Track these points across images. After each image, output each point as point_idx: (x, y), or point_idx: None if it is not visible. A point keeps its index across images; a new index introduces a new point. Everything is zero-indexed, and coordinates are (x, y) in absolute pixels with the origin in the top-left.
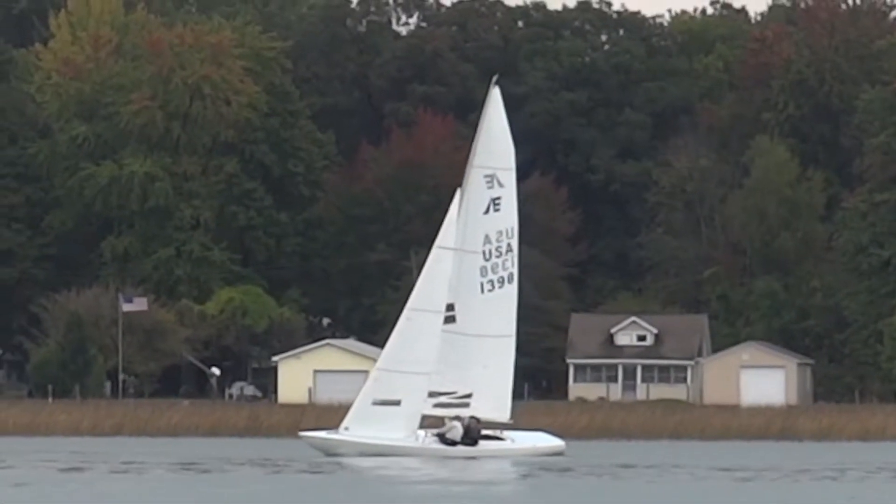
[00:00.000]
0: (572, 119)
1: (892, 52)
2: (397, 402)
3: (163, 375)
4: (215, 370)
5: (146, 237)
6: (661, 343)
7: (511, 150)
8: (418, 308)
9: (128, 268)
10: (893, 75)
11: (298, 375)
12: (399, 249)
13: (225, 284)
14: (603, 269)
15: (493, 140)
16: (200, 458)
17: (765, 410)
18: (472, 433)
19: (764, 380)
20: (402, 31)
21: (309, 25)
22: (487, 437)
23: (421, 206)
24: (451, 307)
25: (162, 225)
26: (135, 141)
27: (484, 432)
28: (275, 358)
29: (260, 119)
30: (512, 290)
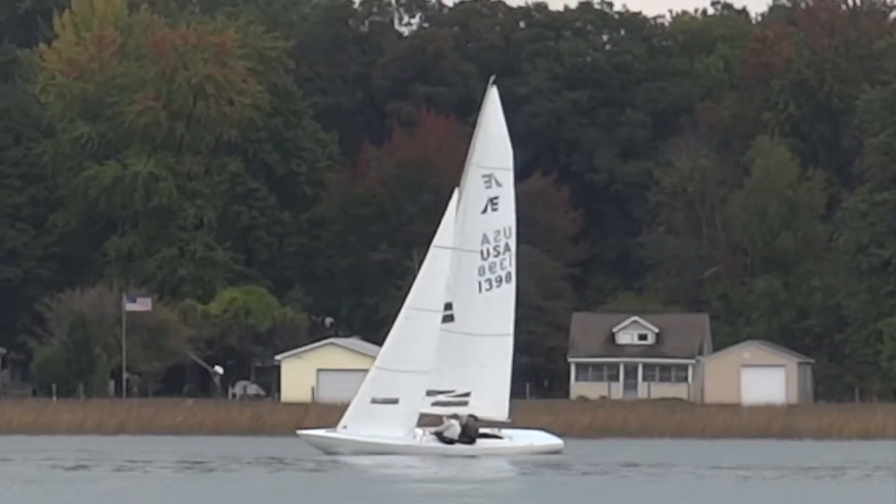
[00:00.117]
0: (574, 119)
1: (891, 52)
2: (395, 401)
3: (166, 374)
4: (219, 369)
5: (150, 237)
6: (662, 342)
7: (509, 150)
8: (416, 307)
9: (131, 267)
10: (893, 75)
11: (301, 374)
12: (401, 249)
13: (228, 284)
14: (604, 268)
15: (491, 140)
16: (204, 456)
17: (765, 409)
18: (470, 432)
19: (764, 379)
20: (405, 31)
21: (312, 25)
22: (485, 436)
23: (423, 206)
24: (449, 306)
25: (165, 224)
26: (138, 141)
27: (482, 431)
28: (278, 357)
29: (263, 119)
30: (510, 290)
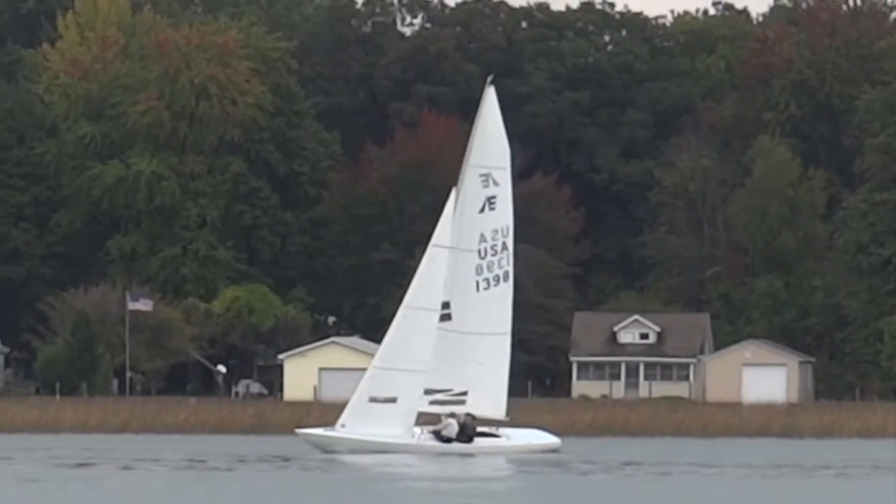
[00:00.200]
0: (575, 119)
1: (892, 52)
2: (393, 400)
3: (169, 373)
4: (221, 368)
5: (153, 236)
6: (663, 341)
7: (506, 150)
8: (414, 306)
9: (134, 266)
10: (893, 76)
11: (304, 373)
12: (403, 248)
13: (231, 283)
14: (606, 267)
15: (489, 139)
16: (203, 455)
17: (766, 408)
18: (468, 430)
19: (765, 378)
20: (407, 31)
21: (314, 26)
22: (483, 435)
23: (425, 206)
24: (446, 305)
25: (168, 224)
26: (142, 140)
27: (479, 429)
28: (280, 356)
29: (265, 119)
30: (507, 289)
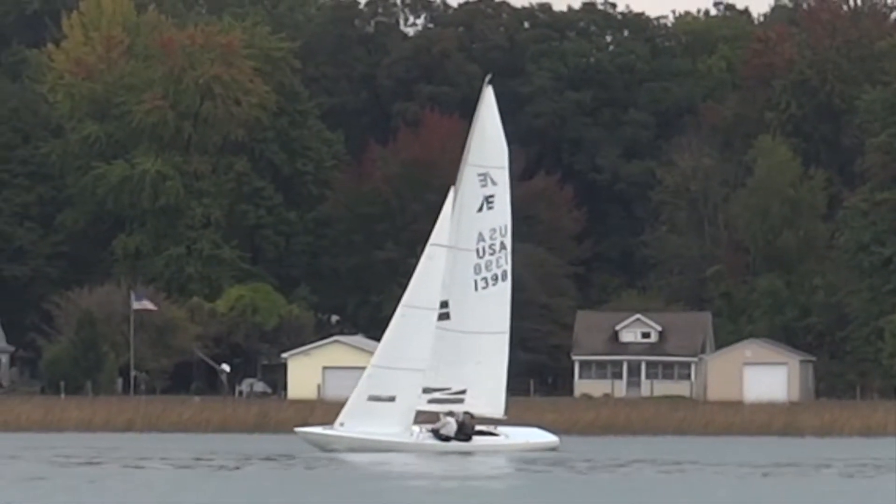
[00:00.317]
0: (577, 119)
1: (892, 53)
2: (392, 399)
3: (174, 372)
4: (225, 367)
5: (157, 235)
6: (665, 340)
7: (504, 149)
8: (413, 305)
9: (139, 265)
10: (894, 76)
11: (307, 372)
12: (406, 247)
13: (235, 282)
14: (608, 266)
15: (487, 139)
16: (202, 453)
17: (767, 407)
18: (466, 429)
19: (767, 376)
20: (410, 31)
21: (317, 26)
22: (481, 433)
23: (428, 205)
24: (445, 304)
25: (173, 223)
26: (146, 140)
27: (478, 428)
28: (284, 355)
29: (269, 118)
30: (505, 288)
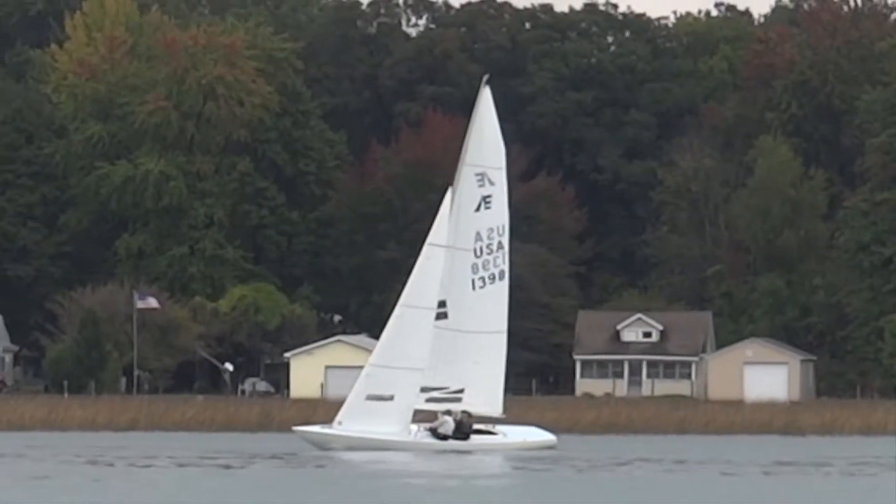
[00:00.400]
0: (579, 119)
1: (892, 53)
2: (390, 398)
3: (177, 371)
4: (228, 366)
5: (160, 235)
6: (666, 339)
7: (502, 149)
8: (411, 304)
9: (142, 265)
10: (894, 76)
11: (310, 371)
12: (408, 247)
13: (238, 282)
14: (609, 266)
15: (484, 139)
16: (213, 452)
17: (768, 406)
18: (464, 428)
19: (767, 376)
20: (412, 32)
21: (320, 27)
22: (479, 432)
23: (430, 205)
24: (443, 304)
25: (176, 223)
26: (149, 140)
27: (476, 427)
28: (287, 354)
29: (272, 119)
30: (503, 287)
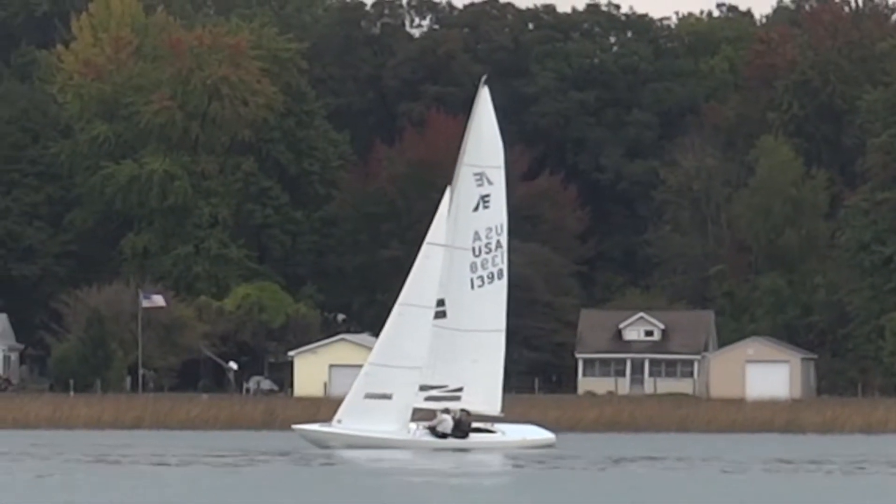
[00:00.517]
0: (581, 119)
1: (893, 54)
2: (389, 396)
3: (181, 370)
4: (233, 365)
5: (165, 234)
6: (668, 338)
7: (500, 149)
8: (409, 303)
9: (147, 264)
10: (895, 76)
11: (314, 370)
12: (411, 246)
13: (242, 281)
14: (611, 265)
15: (483, 138)
16: (218, 450)
17: (769, 404)
18: (463, 426)
19: (769, 374)
20: (416, 33)
21: (324, 27)
22: (478, 430)
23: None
24: (441, 302)
25: (181, 222)
26: (154, 140)
27: (474, 425)
28: (291, 353)
29: (276, 119)
30: (502, 286)
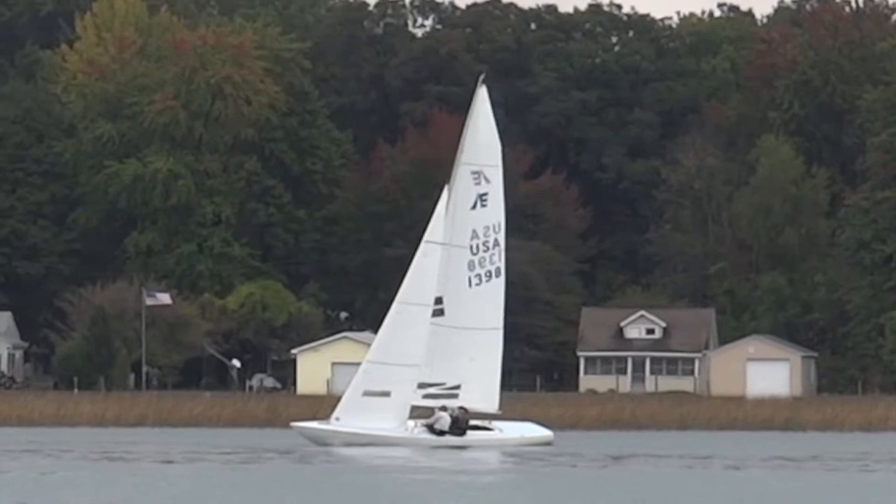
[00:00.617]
0: (583, 118)
1: (893, 53)
2: (387, 394)
3: (185, 368)
4: (236, 362)
5: (169, 233)
6: (669, 336)
7: (498, 148)
8: (407, 301)
9: (151, 263)
10: (895, 76)
11: (317, 367)
12: (413, 245)
13: (245, 279)
14: (613, 264)
15: (481, 137)
16: (221, 447)
17: (770, 402)
18: (461, 423)
19: (769, 372)
20: (418, 32)
21: (327, 27)
22: (476, 428)
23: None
24: (439, 300)
25: (184, 221)
26: (158, 139)
27: (472, 422)
28: (294, 350)
29: (279, 118)
30: (499, 284)
